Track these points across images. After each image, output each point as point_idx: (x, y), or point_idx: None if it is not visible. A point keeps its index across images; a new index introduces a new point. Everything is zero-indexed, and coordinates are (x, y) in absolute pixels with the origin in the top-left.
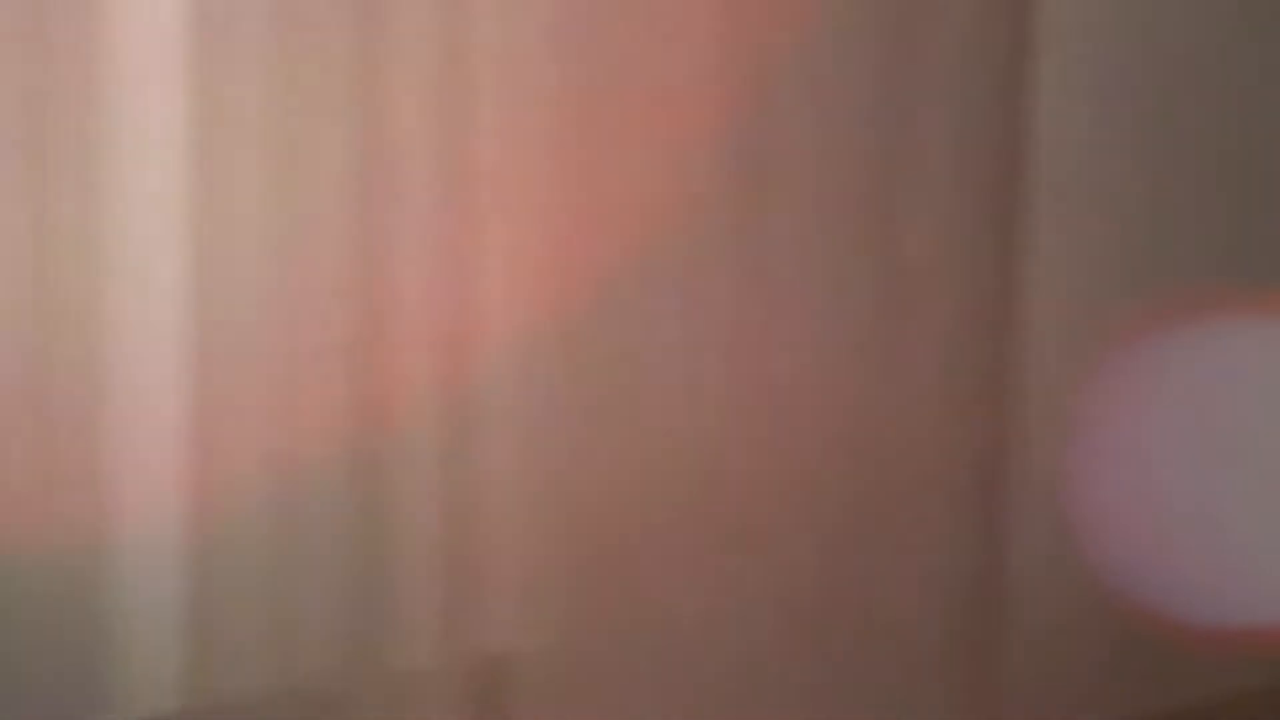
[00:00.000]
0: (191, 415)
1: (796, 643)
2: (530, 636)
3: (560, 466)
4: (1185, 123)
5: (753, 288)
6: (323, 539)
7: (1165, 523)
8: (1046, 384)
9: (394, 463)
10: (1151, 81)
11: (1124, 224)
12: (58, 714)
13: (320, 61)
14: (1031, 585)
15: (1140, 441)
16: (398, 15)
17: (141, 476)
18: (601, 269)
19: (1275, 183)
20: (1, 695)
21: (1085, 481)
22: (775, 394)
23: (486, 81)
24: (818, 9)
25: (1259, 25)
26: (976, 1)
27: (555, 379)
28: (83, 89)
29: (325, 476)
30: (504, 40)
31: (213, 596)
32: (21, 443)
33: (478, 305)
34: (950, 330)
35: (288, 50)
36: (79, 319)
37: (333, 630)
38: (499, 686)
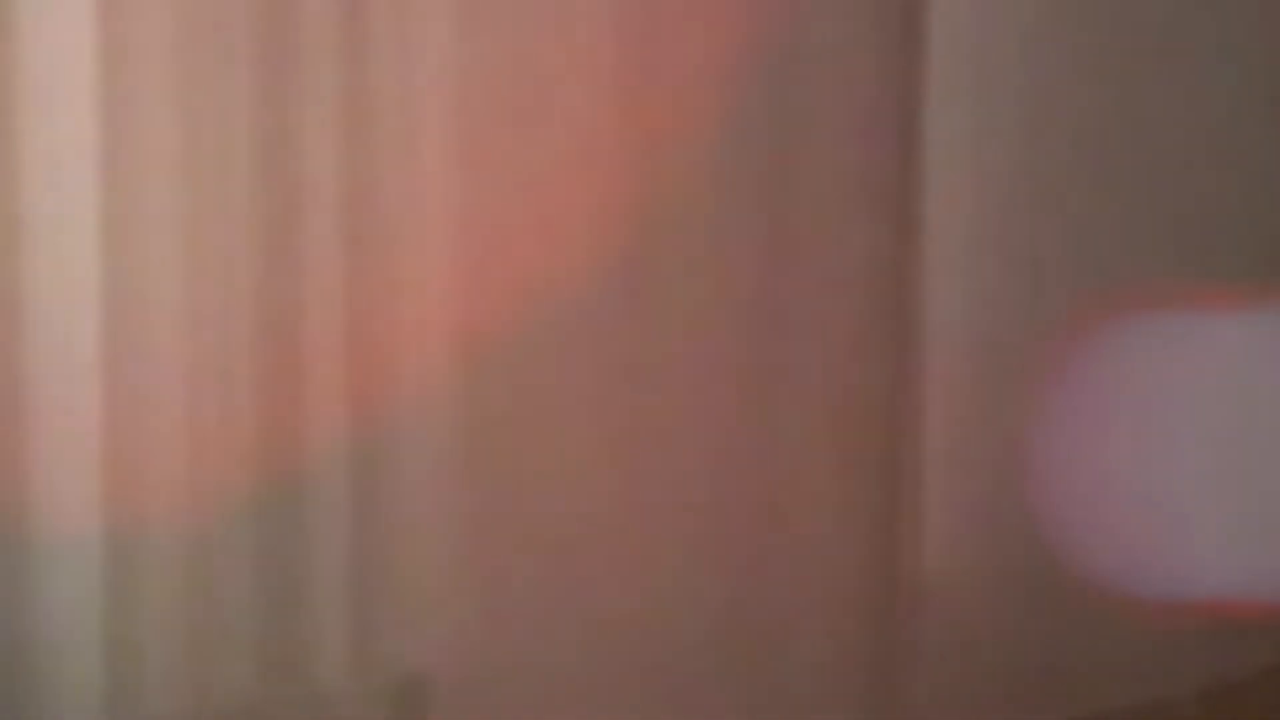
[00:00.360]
0: (107, 436)
1: (709, 655)
2: (448, 653)
3: (476, 484)
4: (1084, 116)
5: (653, 308)
6: (239, 557)
7: (1087, 516)
8: (947, 388)
9: (310, 480)
10: (1047, 74)
11: (1028, 225)
12: None
13: (227, 85)
14: (942, 590)
15: (1054, 438)
16: (304, 39)
17: (56, 497)
18: (511, 296)
19: (1178, 175)
20: None
21: (1001, 480)
22: (680, 410)
23: (392, 112)
24: (709, 33)
25: (1153, 19)
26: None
27: (469, 399)
28: None
29: (241, 495)
30: (408, 75)
31: (129, 616)
32: None
33: (393, 324)
34: (851, 335)
35: (196, 72)
36: None
37: (250, 649)
38: (417, 704)
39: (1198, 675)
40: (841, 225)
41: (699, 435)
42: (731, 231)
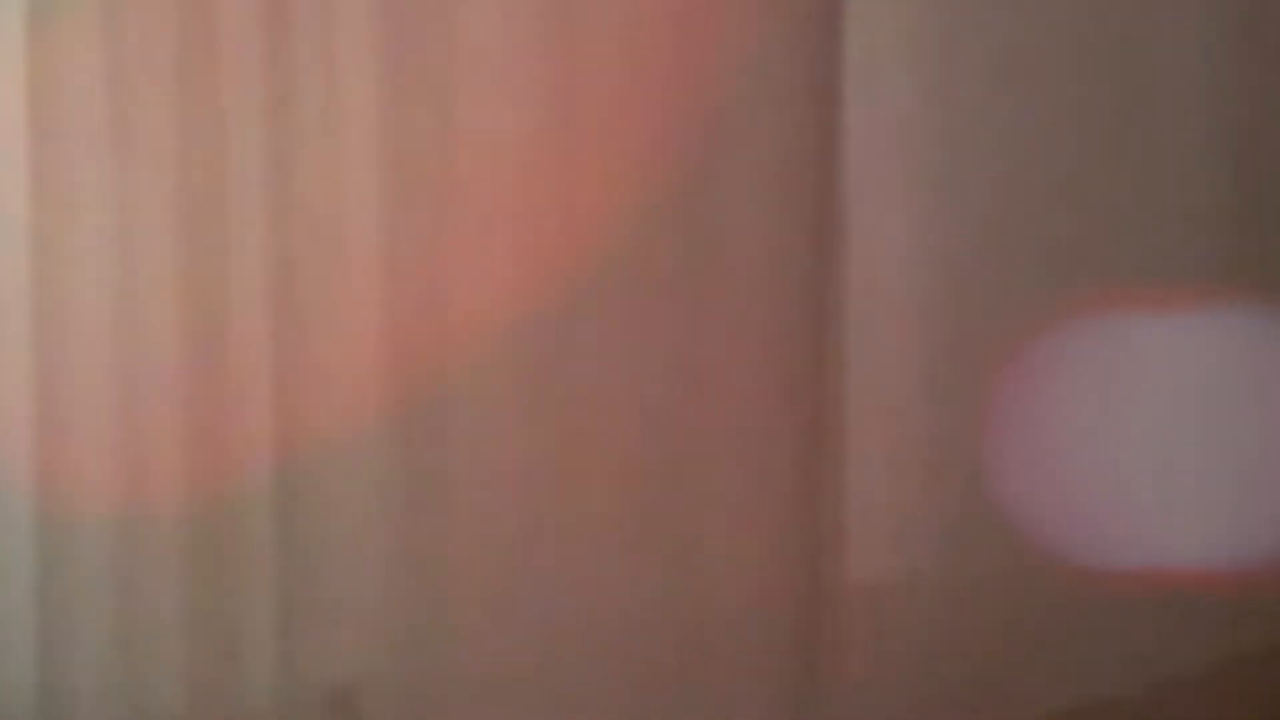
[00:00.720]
0: (36, 456)
1: (633, 664)
2: (376, 669)
3: (404, 500)
4: (1012, 116)
5: (576, 323)
6: (164, 574)
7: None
8: (870, 391)
9: (239, 498)
10: (971, 74)
11: (952, 226)
12: None
13: (155, 110)
14: (865, 596)
15: (979, 441)
16: (228, 72)
17: None
18: (439, 321)
19: (1110, 175)
20: None
21: (925, 483)
22: (602, 418)
23: (318, 136)
24: (630, 55)
25: (1085, 17)
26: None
27: (397, 415)
28: None
29: (170, 511)
30: (333, 102)
31: (58, 633)
32: None
33: (322, 341)
34: (772, 340)
35: (125, 100)
36: None
37: (179, 665)
38: (345, 717)
39: (1137, 676)
40: (761, 229)
41: (620, 442)
42: (652, 236)
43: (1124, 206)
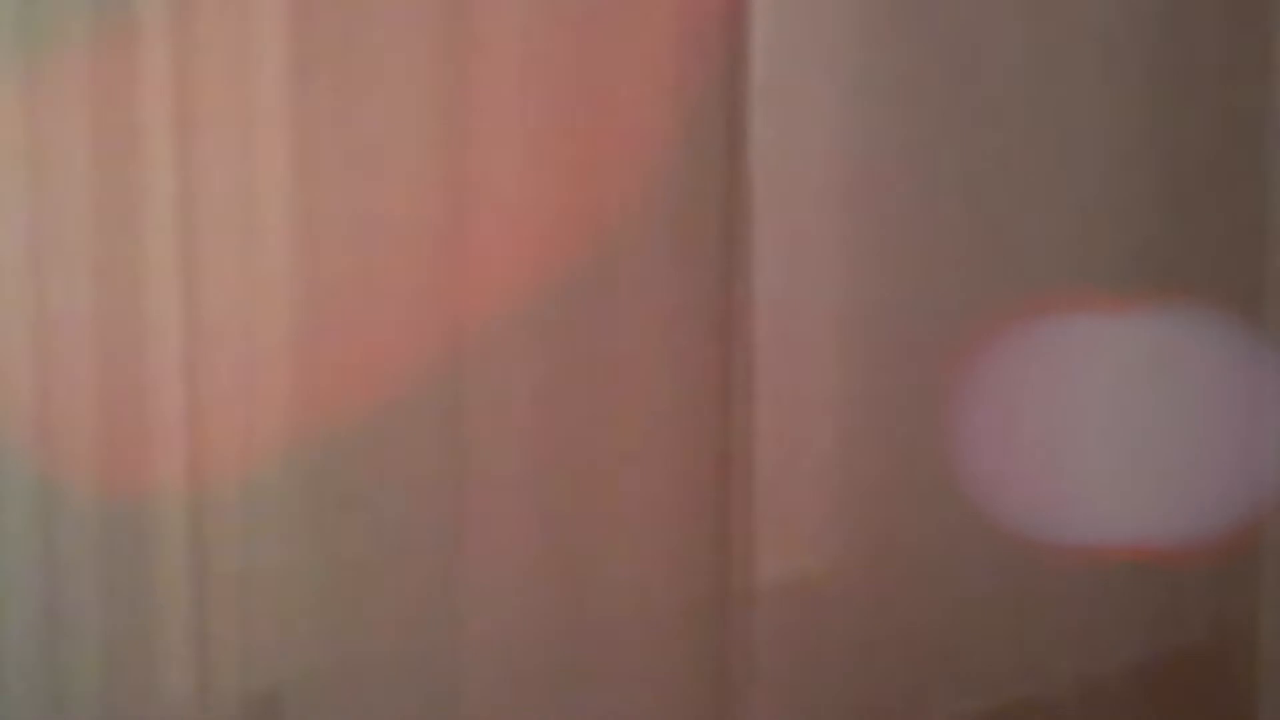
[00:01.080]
0: None
1: (543, 671)
2: (295, 672)
3: (318, 500)
4: (927, 121)
5: (483, 326)
6: (80, 578)
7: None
8: (780, 391)
9: (152, 500)
10: (889, 79)
11: (866, 231)
12: None
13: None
14: (777, 599)
15: (891, 440)
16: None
17: None
18: (351, 328)
19: (1032, 182)
20: None
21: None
22: (511, 419)
23: (229, 153)
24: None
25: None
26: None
27: (313, 415)
28: None
29: (81, 515)
30: (246, 118)
31: None
32: None
33: (234, 351)
34: (680, 341)
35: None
36: None
37: (92, 672)
38: None
39: (1061, 673)
40: (670, 235)
41: (530, 448)
42: (559, 248)
43: (1042, 209)
